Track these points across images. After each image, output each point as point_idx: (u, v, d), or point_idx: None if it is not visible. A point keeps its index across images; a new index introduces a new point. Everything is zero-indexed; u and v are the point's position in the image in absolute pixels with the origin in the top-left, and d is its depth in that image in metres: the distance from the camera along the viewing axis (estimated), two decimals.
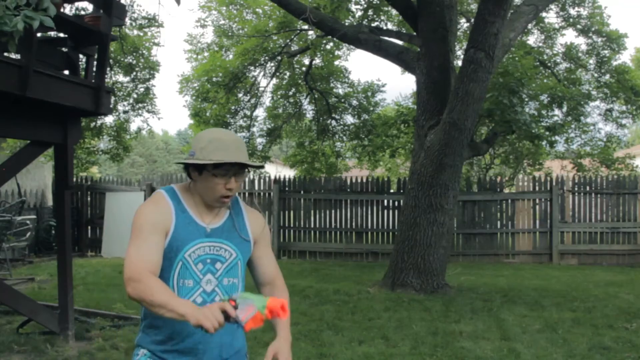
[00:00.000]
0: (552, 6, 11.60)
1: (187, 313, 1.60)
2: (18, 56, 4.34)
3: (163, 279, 1.79)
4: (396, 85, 57.01)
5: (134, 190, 11.68)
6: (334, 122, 13.79)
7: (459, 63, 7.41)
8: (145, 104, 12.24)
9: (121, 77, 12.02)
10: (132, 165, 43.68)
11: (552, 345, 4.85)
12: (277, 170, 14.93)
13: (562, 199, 10.65)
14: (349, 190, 11.16)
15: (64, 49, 4.99)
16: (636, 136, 33.20)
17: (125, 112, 12.21)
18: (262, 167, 1.97)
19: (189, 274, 1.83)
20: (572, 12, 12.13)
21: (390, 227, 10.94)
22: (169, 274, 1.81)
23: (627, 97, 12.02)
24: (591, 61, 12.42)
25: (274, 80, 13.68)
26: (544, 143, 10.78)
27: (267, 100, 14.93)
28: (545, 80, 11.69)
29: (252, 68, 12.80)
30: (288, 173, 13.47)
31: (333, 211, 11.17)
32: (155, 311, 1.67)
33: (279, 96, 13.94)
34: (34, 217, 9.92)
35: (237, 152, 1.82)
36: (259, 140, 14.26)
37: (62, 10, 4.73)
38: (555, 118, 10.91)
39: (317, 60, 13.13)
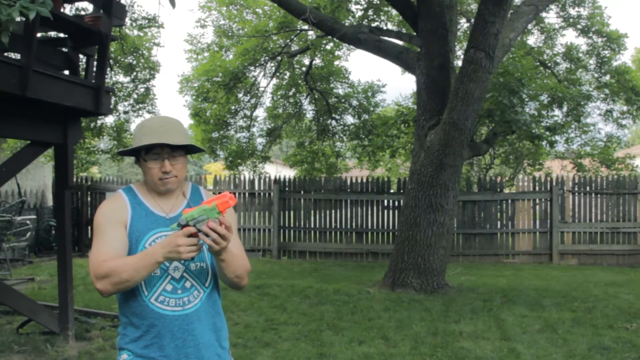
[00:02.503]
0: (552, 6, 11.60)
1: (160, 260, 1.69)
2: (18, 56, 4.34)
3: None
4: (396, 85, 57.08)
5: None
6: (334, 122, 13.79)
7: (459, 63, 7.41)
8: (145, 105, 12.24)
9: (121, 78, 12.04)
10: (132, 165, 43.71)
11: (552, 345, 4.85)
12: (277, 170, 14.95)
13: (562, 199, 10.65)
14: (349, 190, 11.16)
15: (64, 49, 4.99)
16: (636, 136, 33.20)
17: (125, 112, 12.21)
18: (198, 148, 1.96)
19: None
20: (572, 12, 12.14)
21: (390, 227, 10.94)
22: None
23: (628, 98, 12.02)
24: (591, 61, 12.42)
25: (274, 81, 13.69)
26: (544, 143, 10.77)
27: (267, 100, 14.96)
28: (545, 81, 11.68)
29: (252, 68, 12.80)
30: (288, 173, 13.48)
31: (333, 211, 11.17)
32: (135, 283, 1.73)
33: (279, 96, 13.95)
34: (34, 217, 9.93)
35: (163, 135, 1.83)
36: (259, 140, 14.29)
37: (62, 10, 4.73)
38: (555, 118, 10.91)
39: (317, 61, 13.14)
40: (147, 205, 1.89)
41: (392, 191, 11.26)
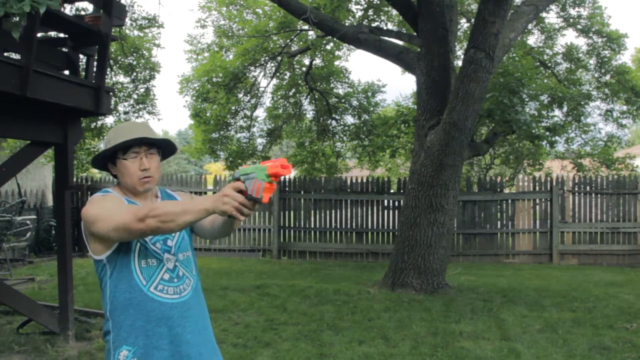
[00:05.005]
0: (552, 6, 11.59)
1: (208, 207, 1.64)
2: (18, 56, 4.34)
3: (123, 262, 1.85)
4: (396, 85, 57.08)
5: None
6: (334, 123, 13.79)
7: (459, 63, 7.41)
8: (145, 105, 12.24)
9: (121, 78, 12.04)
10: None
11: (552, 345, 4.85)
12: None
13: (562, 199, 10.65)
14: (349, 190, 11.16)
15: (64, 49, 4.99)
16: (636, 136, 33.20)
17: (125, 112, 12.21)
18: (169, 142, 2.00)
19: (150, 253, 1.89)
20: (573, 12, 12.13)
21: (390, 227, 10.94)
22: (129, 257, 1.86)
23: (628, 98, 12.02)
24: (591, 61, 12.42)
25: (274, 81, 13.69)
26: (544, 143, 10.77)
27: (267, 100, 14.94)
28: (545, 81, 11.68)
29: (252, 68, 12.80)
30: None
31: (333, 211, 11.17)
32: (177, 226, 1.68)
33: (279, 96, 13.95)
34: (34, 217, 9.93)
35: (139, 134, 1.91)
36: (259, 140, 14.29)
37: (62, 10, 4.73)
38: (556, 118, 10.90)
39: (317, 61, 13.14)
40: (134, 203, 1.97)
41: (392, 191, 11.26)
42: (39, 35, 4.38)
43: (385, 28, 10.55)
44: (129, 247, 1.86)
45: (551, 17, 12.64)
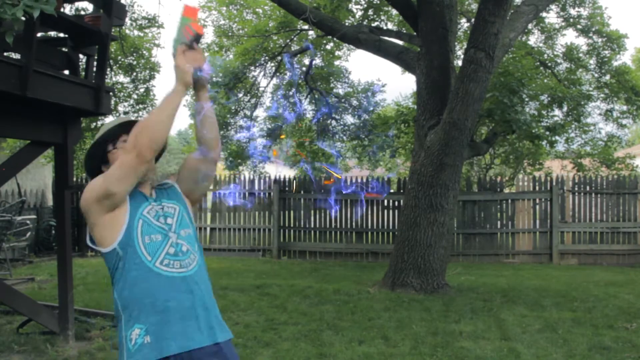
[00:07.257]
0: (553, 6, 11.60)
1: (178, 87, 1.81)
2: (18, 56, 4.34)
3: (127, 242, 1.84)
4: (396, 85, 57.05)
5: None
6: (334, 122, 13.79)
7: (459, 63, 7.41)
8: (145, 105, 12.24)
9: (121, 78, 12.04)
10: None
11: (552, 345, 4.85)
12: (277, 170, 14.93)
13: (562, 199, 10.65)
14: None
15: (64, 49, 4.99)
16: (636, 136, 33.18)
17: (125, 112, 12.21)
18: None
19: (153, 229, 1.89)
20: (573, 12, 12.14)
21: (390, 227, 10.94)
22: (132, 235, 1.86)
23: (628, 98, 12.03)
24: (591, 61, 12.42)
25: (274, 80, 13.70)
26: (544, 143, 10.78)
27: (267, 100, 14.91)
28: (545, 81, 11.69)
29: (252, 68, 12.80)
30: (288, 173, 13.47)
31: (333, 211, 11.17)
32: (165, 126, 1.80)
33: (279, 96, 13.94)
34: (34, 217, 9.93)
35: (126, 121, 1.98)
36: (259, 140, 14.28)
37: (62, 10, 4.73)
38: (556, 118, 10.90)
39: (317, 61, 13.14)
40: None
41: (392, 191, 11.26)
42: (39, 35, 4.38)
43: (385, 28, 10.56)
44: (132, 224, 1.86)
45: (551, 17, 12.67)
